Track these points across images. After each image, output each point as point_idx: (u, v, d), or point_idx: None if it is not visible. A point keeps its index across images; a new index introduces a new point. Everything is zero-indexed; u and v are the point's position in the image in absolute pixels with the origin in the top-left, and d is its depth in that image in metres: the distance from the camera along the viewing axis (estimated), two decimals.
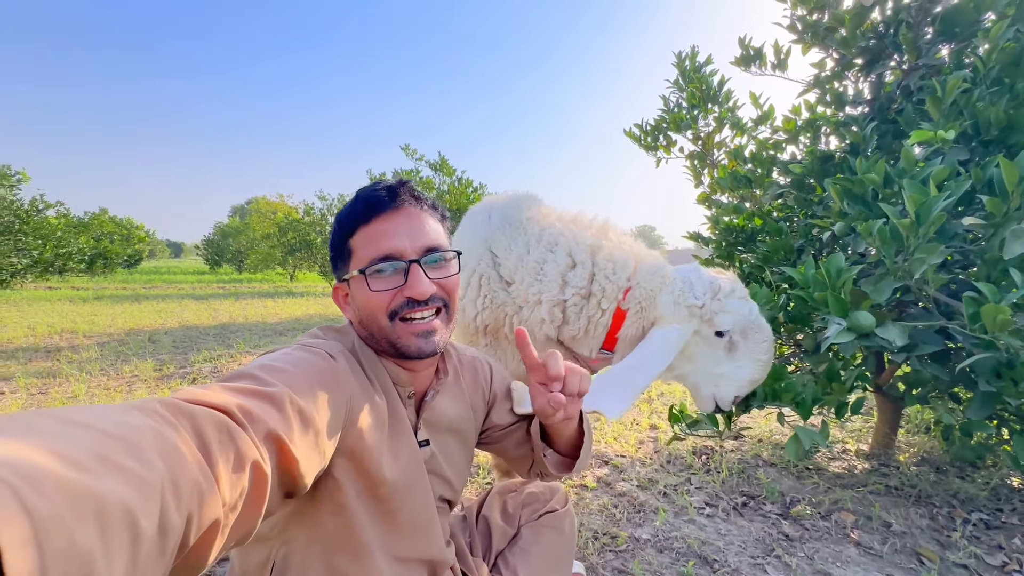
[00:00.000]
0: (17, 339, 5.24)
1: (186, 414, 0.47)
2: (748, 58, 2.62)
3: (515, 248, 1.42)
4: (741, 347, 1.32)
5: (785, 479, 2.19)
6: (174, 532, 0.38)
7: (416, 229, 0.82)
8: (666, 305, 1.30)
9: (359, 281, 0.82)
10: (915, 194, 1.17)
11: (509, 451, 1.09)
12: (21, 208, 10.52)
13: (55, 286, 13.14)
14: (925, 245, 1.18)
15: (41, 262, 11.08)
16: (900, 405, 2.36)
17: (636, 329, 1.35)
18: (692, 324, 1.28)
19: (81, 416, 0.38)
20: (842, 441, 2.65)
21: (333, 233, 0.87)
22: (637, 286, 1.35)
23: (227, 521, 0.47)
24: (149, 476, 0.37)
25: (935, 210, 1.13)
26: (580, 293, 1.35)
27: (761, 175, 2.44)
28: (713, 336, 1.30)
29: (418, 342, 0.82)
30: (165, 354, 4.71)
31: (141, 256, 22.56)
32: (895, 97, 2.03)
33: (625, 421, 3.00)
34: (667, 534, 1.74)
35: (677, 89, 3.28)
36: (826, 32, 2.19)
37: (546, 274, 1.36)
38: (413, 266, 0.80)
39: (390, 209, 0.82)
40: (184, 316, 7.55)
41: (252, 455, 0.51)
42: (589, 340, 1.39)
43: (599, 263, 1.36)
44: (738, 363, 1.32)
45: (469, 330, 1.46)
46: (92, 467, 0.33)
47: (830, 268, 1.30)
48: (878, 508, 1.88)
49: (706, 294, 1.29)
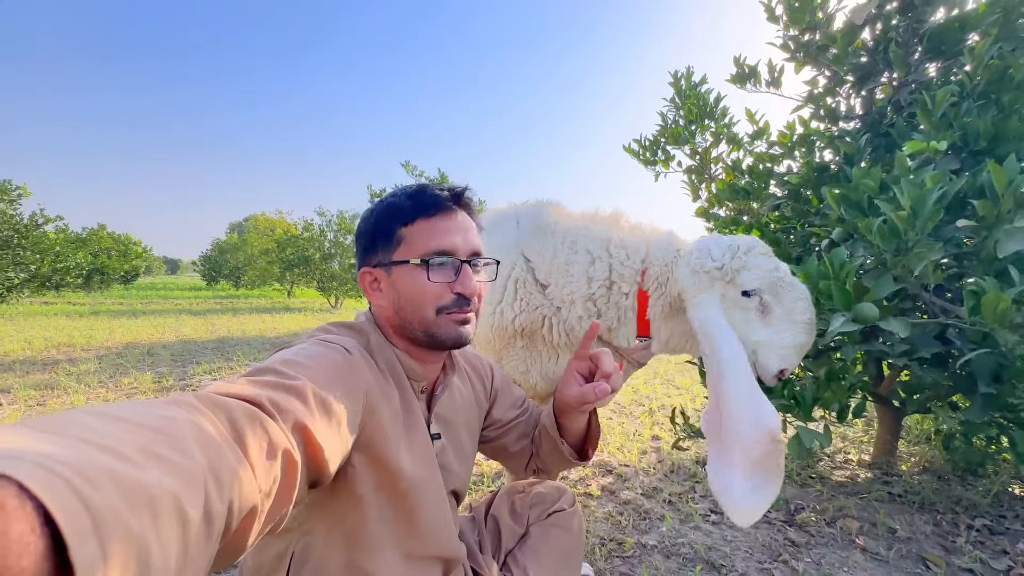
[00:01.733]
0: (14, 352, 5.20)
1: (221, 406, 0.49)
2: (743, 76, 2.71)
3: (546, 252, 1.46)
4: (776, 310, 1.23)
5: (789, 487, 2.19)
6: (219, 518, 0.40)
7: (469, 233, 0.87)
8: (684, 277, 1.26)
9: (414, 270, 0.83)
10: (911, 189, 1.21)
11: (509, 447, 1.11)
12: (20, 223, 10.51)
13: (51, 301, 13.06)
14: (924, 242, 1.23)
15: (39, 276, 11.01)
16: (901, 414, 2.38)
17: (662, 307, 1.35)
18: (716, 289, 1.22)
19: (122, 412, 0.40)
20: (844, 451, 2.66)
21: (379, 217, 0.87)
22: (652, 265, 1.37)
23: (263, 507, 0.48)
24: (191, 466, 0.38)
25: (929, 202, 1.18)
26: (603, 285, 1.38)
27: (758, 188, 2.50)
28: (741, 298, 1.22)
29: (457, 329, 0.85)
30: (164, 367, 4.68)
31: (138, 272, 22.48)
32: (886, 112, 2.11)
33: (628, 432, 3.00)
34: (673, 540, 1.73)
35: (674, 107, 3.37)
36: (818, 51, 2.28)
37: (572, 274, 1.40)
38: (464, 265, 0.85)
39: (452, 210, 0.86)
40: (182, 330, 7.51)
41: (283, 444, 0.53)
42: (624, 328, 1.41)
43: (613, 252, 1.40)
44: (775, 327, 1.22)
45: (507, 333, 1.49)
46: (138, 460, 0.34)
47: (833, 260, 1.33)
48: (883, 515, 1.89)
49: (724, 255, 1.23)
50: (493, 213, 1.78)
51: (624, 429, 3.07)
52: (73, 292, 15.26)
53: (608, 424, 3.16)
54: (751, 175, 2.54)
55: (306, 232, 14.75)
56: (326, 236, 14.29)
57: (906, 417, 2.63)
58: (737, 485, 1.00)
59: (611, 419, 3.31)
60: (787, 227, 2.46)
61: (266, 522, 0.51)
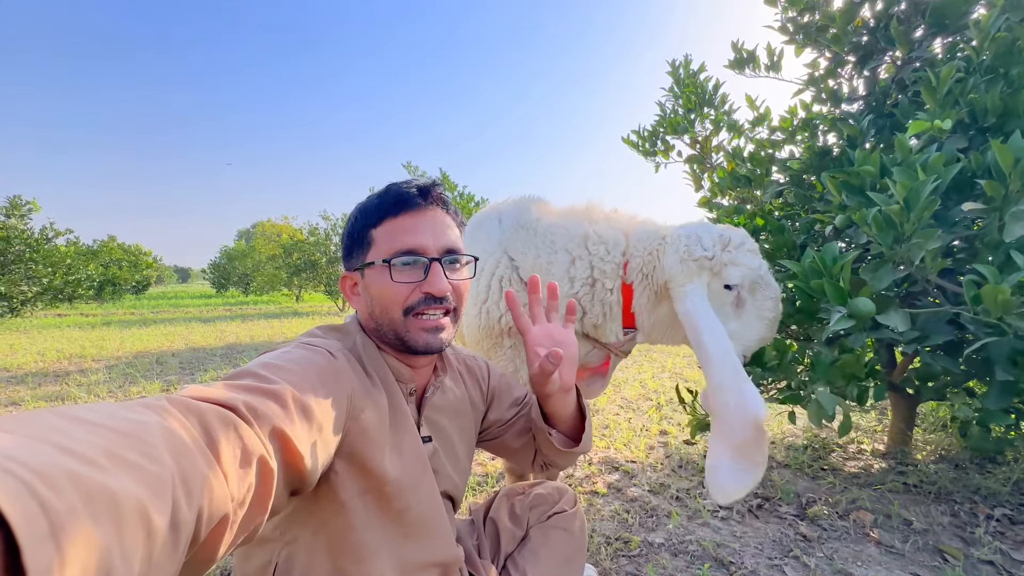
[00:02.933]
0: (27, 365, 5.28)
1: (193, 411, 0.47)
2: (741, 61, 2.66)
3: (529, 251, 1.44)
4: (748, 304, 1.27)
5: (800, 480, 2.14)
6: (186, 527, 0.38)
7: (440, 230, 0.84)
8: (672, 265, 1.26)
9: (380, 271, 0.82)
10: (904, 180, 1.16)
11: (510, 444, 1.08)
12: (32, 237, 10.67)
13: (64, 313, 13.28)
14: (922, 231, 1.17)
15: (51, 289, 11.17)
16: (915, 402, 2.32)
17: (647, 297, 1.33)
18: (703, 277, 1.23)
19: (90, 414, 0.38)
20: (857, 441, 2.60)
21: (353, 221, 0.87)
22: (633, 256, 1.34)
23: (236, 517, 0.47)
24: (159, 472, 0.37)
25: (924, 194, 1.12)
26: (587, 283, 1.36)
27: (760, 175, 2.45)
28: (722, 290, 1.25)
29: (426, 337, 0.83)
30: (172, 375, 4.72)
31: (149, 282, 22.77)
32: (890, 91, 2.04)
33: (635, 427, 2.96)
34: (681, 537, 1.70)
35: (672, 96, 3.32)
36: (817, 32, 2.22)
37: (554, 274, 1.38)
38: (434, 264, 0.82)
39: (419, 207, 0.83)
40: (191, 338, 7.59)
41: (258, 451, 0.51)
42: (610, 323, 1.39)
43: (591, 249, 1.38)
44: (744, 321, 1.27)
45: (494, 332, 1.47)
46: (103, 464, 0.33)
47: (825, 257, 1.28)
48: (897, 506, 1.84)
49: (715, 245, 1.25)
50: (478, 213, 1.77)
51: (631, 424, 3.03)
52: (86, 304, 15.50)
53: (615, 419, 3.12)
54: (752, 162, 2.49)
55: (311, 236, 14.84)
56: (331, 239, 14.36)
57: (921, 404, 2.57)
58: (724, 466, 1.06)
59: (618, 414, 3.27)
60: (791, 213, 2.41)
61: (239, 532, 0.49)
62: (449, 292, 0.83)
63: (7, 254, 9.95)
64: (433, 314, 0.83)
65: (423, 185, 0.85)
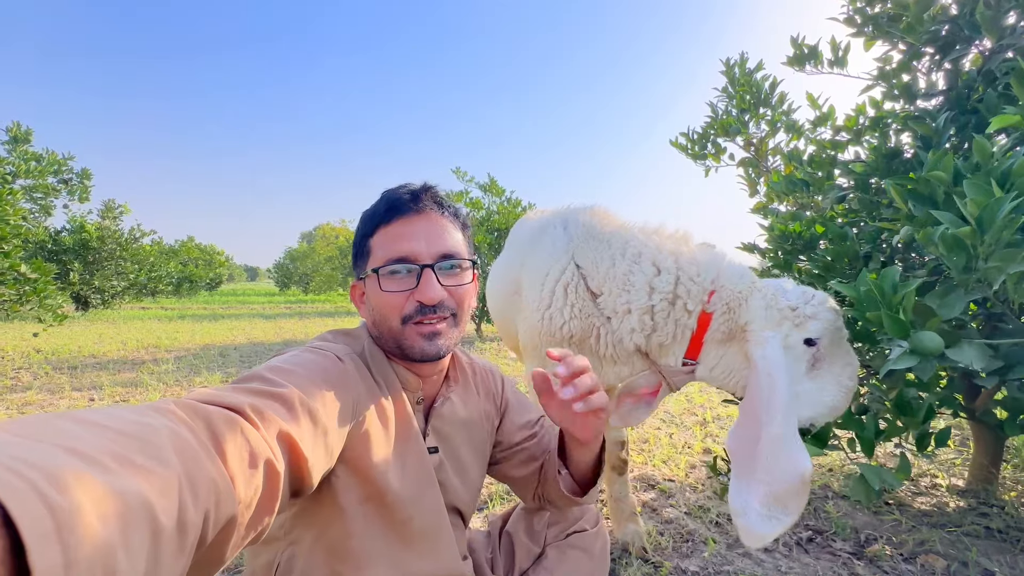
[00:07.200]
0: (111, 352, 5.83)
1: (201, 414, 0.48)
2: (802, 57, 2.48)
3: (602, 261, 1.43)
4: (825, 366, 1.24)
5: (859, 514, 1.94)
6: (192, 529, 0.39)
7: (434, 234, 0.82)
8: (757, 309, 1.25)
9: (373, 280, 0.82)
10: (976, 196, 1.00)
11: (514, 470, 1.05)
12: (122, 237, 11.84)
13: (147, 306, 14.62)
14: (1001, 252, 1.00)
15: (136, 284, 12.35)
16: (1001, 435, 2.05)
17: (722, 333, 1.31)
18: (783, 330, 1.22)
19: (99, 417, 0.39)
20: (930, 474, 2.33)
21: (358, 230, 0.88)
22: (722, 288, 1.32)
23: (243, 519, 0.47)
24: (167, 474, 0.37)
25: (1001, 214, 0.95)
26: (667, 298, 1.33)
27: (821, 178, 2.26)
28: (801, 345, 1.22)
29: (423, 343, 0.81)
30: (232, 367, 5.04)
31: (221, 279, 24.57)
32: (975, 85, 1.82)
33: (676, 443, 2.82)
34: (718, 567, 1.58)
35: (726, 96, 3.16)
36: (889, 22, 2.02)
37: (633, 284, 1.36)
38: (426, 271, 0.80)
39: (411, 212, 0.82)
40: (252, 333, 8.10)
41: (265, 454, 0.51)
42: (676, 346, 1.36)
43: (683, 266, 1.35)
44: (820, 383, 1.23)
45: (555, 339, 1.46)
46: (111, 466, 0.34)
47: (884, 283, 1.12)
48: (975, 553, 1.62)
49: (800, 298, 1.24)
50: (537, 218, 1.76)
51: (672, 440, 2.88)
52: (166, 298, 16.94)
53: (655, 434, 2.98)
54: (812, 164, 2.30)
55: None
56: None
57: (1010, 439, 2.26)
58: (754, 510, 1.04)
59: (659, 428, 3.13)
60: (854, 220, 2.21)
61: (246, 533, 0.49)
62: (444, 299, 0.81)
63: (102, 252, 11.09)
64: (430, 320, 0.81)
65: (415, 189, 0.84)
